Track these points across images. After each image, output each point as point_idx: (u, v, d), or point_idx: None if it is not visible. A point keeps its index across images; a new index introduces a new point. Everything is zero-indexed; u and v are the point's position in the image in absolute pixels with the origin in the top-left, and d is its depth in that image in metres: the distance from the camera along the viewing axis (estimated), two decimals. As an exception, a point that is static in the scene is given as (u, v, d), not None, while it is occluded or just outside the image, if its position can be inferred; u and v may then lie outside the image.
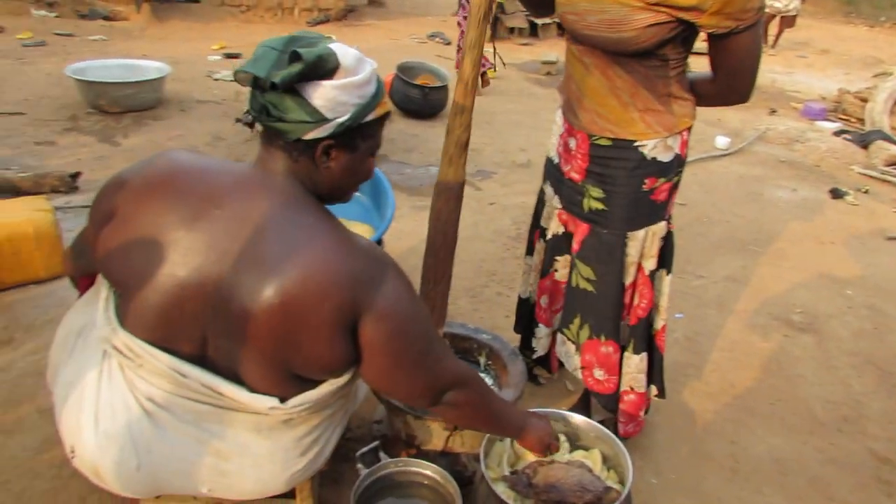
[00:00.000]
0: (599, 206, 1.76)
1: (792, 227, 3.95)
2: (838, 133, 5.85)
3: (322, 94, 1.15)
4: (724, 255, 3.51)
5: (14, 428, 1.93)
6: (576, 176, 1.79)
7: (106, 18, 8.29)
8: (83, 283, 1.64)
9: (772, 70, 8.22)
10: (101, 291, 1.34)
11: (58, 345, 1.47)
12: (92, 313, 1.45)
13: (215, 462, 1.30)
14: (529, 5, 1.89)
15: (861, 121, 6.00)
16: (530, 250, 2.13)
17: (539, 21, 9.64)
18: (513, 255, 3.24)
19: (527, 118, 5.59)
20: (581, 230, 1.82)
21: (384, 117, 1.27)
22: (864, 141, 5.48)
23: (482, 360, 2.06)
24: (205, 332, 1.23)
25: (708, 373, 2.53)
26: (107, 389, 1.28)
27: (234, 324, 1.19)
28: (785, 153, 5.33)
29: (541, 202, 2.03)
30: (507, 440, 1.76)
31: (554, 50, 8.37)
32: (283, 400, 1.27)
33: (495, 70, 6.48)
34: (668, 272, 1.88)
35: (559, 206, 1.88)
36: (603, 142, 1.70)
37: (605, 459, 1.76)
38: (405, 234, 3.30)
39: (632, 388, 1.93)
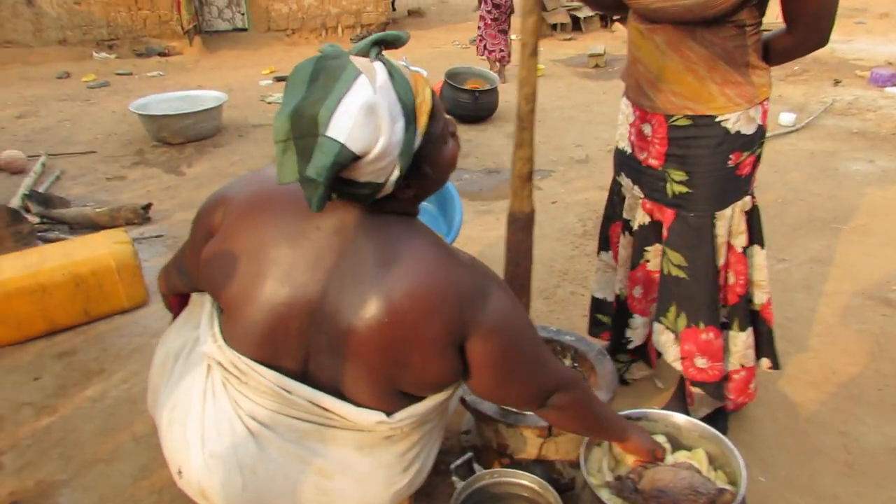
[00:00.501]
0: (683, 189, 1.70)
1: (873, 200, 3.72)
2: (914, 98, 5.52)
3: (362, 172, 1.09)
4: (804, 235, 3.33)
5: (112, 456, 1.98)
6: (655, 162, 1.73)
7: (161, 54, 8.62)
8: (174, 301, 1.68)
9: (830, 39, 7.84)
10: (205, 307, 1.35)
11: (156, 369, 1.50)
12: (188, 334, 1.47)
13: (318, 481, 1.29)
14: (599, 5, 1.86)
15: (937, 83, 5.65)
16: (605, 246, 2.07)
17: (581, 14, 9.51)
18: (582, 252, 3.16)
19: (580, 113, 5.49)
20: (667, 217, 1.76)
21: (432, 117, 1.15)
22: (943, 104, 5.15)
23: (567, 362, 1.99)
24: (308, 349, 1.22)
25: (806, 361, 2.39)
26: (212, 409, 1.29)
27: (339, 341, 1.18)
28: (857, 124, 5.05)
29: (616, 195, 1.97)
30: (605, 445, 1.70)
31: (599, 42, 8.23)
32: (388, 414, 1.25)
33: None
34: (762, 246, 1.82)
35: (641, 195, 1.82)
36: (682, 122, 1.64)
37: (710, 459, 1.67)
38: (471, 239, 3.27)
39: (742, 366, 1.87)
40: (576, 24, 9.59)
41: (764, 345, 1.92)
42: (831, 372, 2.33)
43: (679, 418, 1.70)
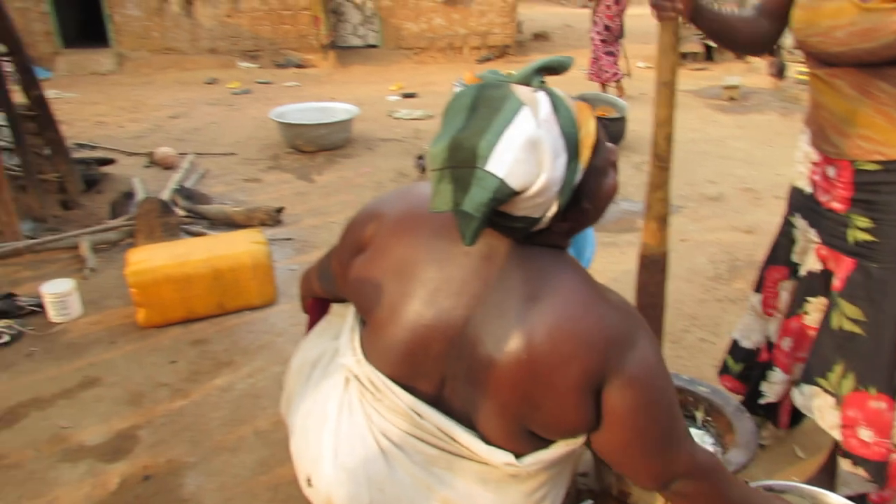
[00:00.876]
0: (867, 237, 1.56)
1: None
2: None
3: (520, 207, 1.05)
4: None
5: (236, 446, 2.07)
6: (838, 206, 1.60)
7: (298, 66, 9.14)
8: (312, 305, 1.72)
9: None
10: (348, 319, 1.37)
11: (293, 373, 1.53)
12: (327, 344, 1.50)
13: None
14: (747, 48, 1.76)
15: None
16: (758, 288, 1.93)
17: (713, 44, 9.16)
18: (713, 297, 2.98)
19: (713, 147, 5.24)
20: (845, 266, 1.61)
21: (596, 150, 1.11)
22: None
23: (699, 415, 1.87)
24: (445, 373, 1.21)
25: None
26: (347, 422, 1.29)
27: (476, 371, 1.16)
28: None
29: (786, 236, 1.83)
30: None
31: (733, 73, 7.87)
32: (517, 457, 1.21)
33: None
34: None
35: (817, 240, 1.69)
36: (870, 167, 1.52)
37: (862, 546, 1.50)
38: (595, 272, 3.11)
39: None
40: (709, 55, 9.25)
41: None
42: None
43: (834, 499, 1.53)
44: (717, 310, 2.85)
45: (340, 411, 1.31)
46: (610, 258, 3.39)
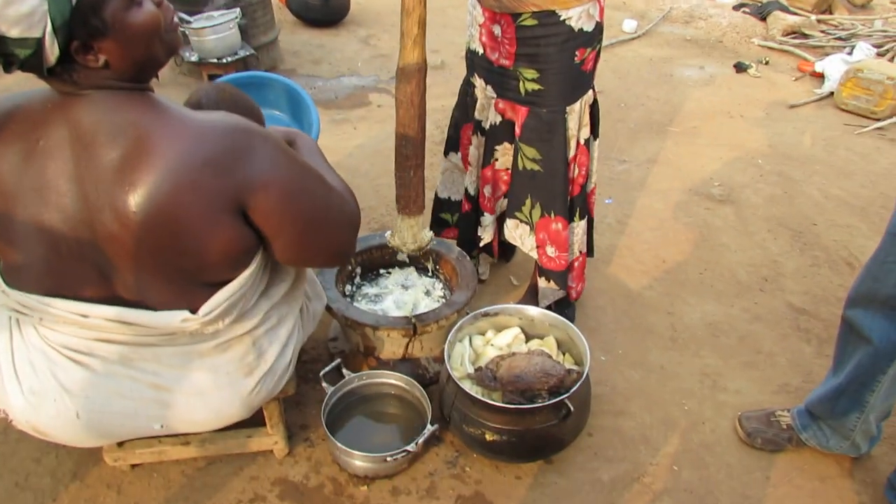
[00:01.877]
0: (536, 86, 1.78)
1: (703, 104, 4.06)
2: (738, 7, 5.96)
3: (4, 26, 0.96)
4: (643, 138, 3.59)
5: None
6: (506, 62, 1.79)
7: None
8: None
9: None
10: None
11: None
12: None
13: (157, 395, 1.28)
14: None
15: (758, -7, 6.13)
16: (455, 148, 2.13)
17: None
18: (439, 159, 3.18)
19: (433, 17, 5.32)
20: (521, 114, 1.84)
21: None
22: (762, 13, 5.62)
23: (430, 265, 2.06)
24: (98, 268, 1.16)
25: (641, 252, 2.65)
26: (21, 348, 1.24)
27: (114, 248, 1.12)
28: (690, 31, 5.40)
29: (468, 96, 2.01)
30: (466, 341, 1.81)
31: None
32: (193, 311, 1.22)
33: None
34: (596, 137, 1.99)
35: (494, 94, 1.88)
36: (528, 21, 1.69)
37: (559, 344, 1.84)
38: (327, 149, 3.15)
39: (580, 252, 2.06)
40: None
41: (588, 233, 2.12)
42: (661, 261, 2.60)
43: (532, 311, 1.84)
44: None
45: (11, 340, 1.26)
46: (343, 134, 3.42)
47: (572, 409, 1.56)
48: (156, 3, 1.09)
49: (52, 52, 1.00)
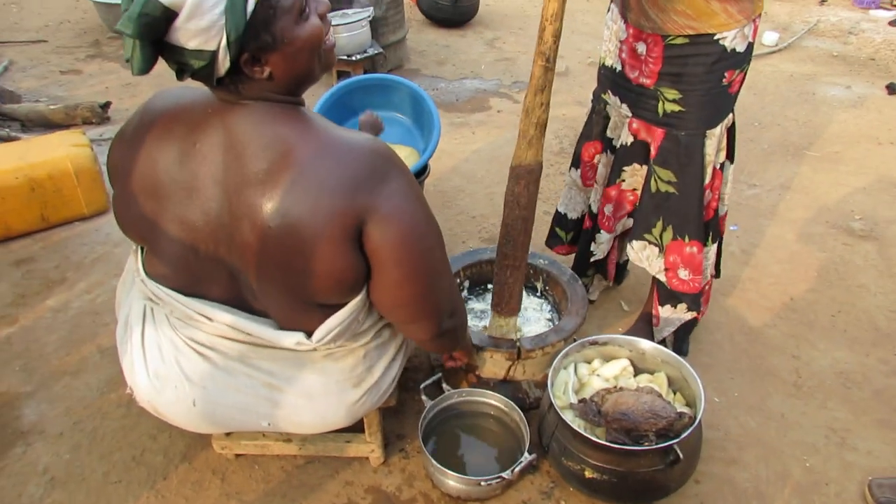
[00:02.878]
0: (676, 107, 1.70)
1: (847, 127, 3.73)
2: (894, 22, 5.43)
3: (184, 37, 1.00)
4: (777, 161, 3.34)
5: (79, 368, 1.97)
6: (647, 81, 1.72)
7: (112, -66, 7.91)
8: None
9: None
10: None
11: (122, 283, 1.53)
12: None
13: (269, 394, 1.32)
14: None
15: (921, 6, 5.56)
16: (576, 164, 2.06)
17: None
18: (557, 171, 3.12)
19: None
20: (657, 136, 1.77)
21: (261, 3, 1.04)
22: (924, 29, 5.09)
23: (539, 285, 2.01)
24: (229, 271, 1.21)
25: (766, 286, 2.46)
26: (151, 332, 1.32)
27: (244, 258, 1.16)
28: (838, 46, 4.98)
29: (597, 113, 1.94)
30: (571, 368, 1.75)
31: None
32: (308, 335, 1.26)
33: None
34: (732, 161, 1.89)
35: (629, 114, 1.81)
36: (680, 41, 1.62)
37: (670, 382, 1.74)
38: (445, 153, 3.20)
39: (710, 276, 1.99)
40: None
41: (717, 255, 2.04)
42: (789, 298, 2.40)
43: (644, 344, 1.75)
44: (560, 183, 2.99)
45: (144, 322, 1.33)
46: (462, 138, 3.41)
47: (681, 456, 1.47)
48: (319, 15, 1.12)
49: (224, 64, 1.04)
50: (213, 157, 1.13)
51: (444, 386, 1.75)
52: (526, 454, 1.58)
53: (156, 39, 1.01)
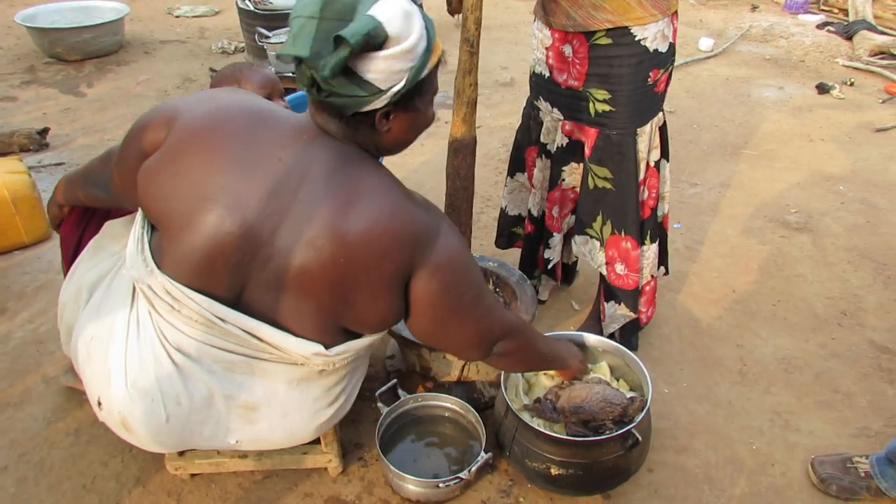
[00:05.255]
0: (606, 107, 1.76)
1: (781, 126, 3.90)
2: (822, 25, 5.71)
3: (374, 68, 1.09)
4: (716, 160, 3.47)
5: (22, 399, 1.91)
6: (575, 83, 1.78)
7: (47, -41, 7.75)
8: (69, 217, 1.59)
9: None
10: (134, 230, 1.29)
11: (68, 305, 1.44)
12: (103, 265, 1.41)
13: (244, 413, 1.30)
14: None
15: (844, 11, 5.85)
16: (521, 168, 2.11)
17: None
18: (505, 179, 3.17)
19: (505, 34, 5.39)
20: (590, 136, 1.82)
21: (438, 64, 1.21)
22: (847, 32, 5.36)
23: (490, 287, 2.04)
24: (245, 281, 1.20)
25: (710, 280, 2.55)
26: (135, 340, 1.26)
27: (289, 277, 1.16)
28: (770, 50, 5.21)
29: (532, 119, 2.00)
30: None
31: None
32: (326, 347, 1.26)
33: None
34: (668, 160, 1.95)
35: (561, 117, 1.86)
36: (603, 41, 1.68)
37: (612, 370, 1.80)
38: (394, 164, 3.18)
39: (651, 276, 2.02)
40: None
41: (662, 254, 2.09)
42: (732, 290, 2.50)
43: (584, 337, 1.80)
44: (508, 190, 3.05)
45: (128, 329, 1.27)
46: (410, 150, 3.41)
47: (640, 438, 1.51)
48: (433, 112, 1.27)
49: (376, 104, 1.13)
50: (291, 178, 1.15)
51: (400, 391, 1.76)
52: (482, 453, 1.60)
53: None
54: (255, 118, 1.18)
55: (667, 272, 2.17)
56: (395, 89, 1.11)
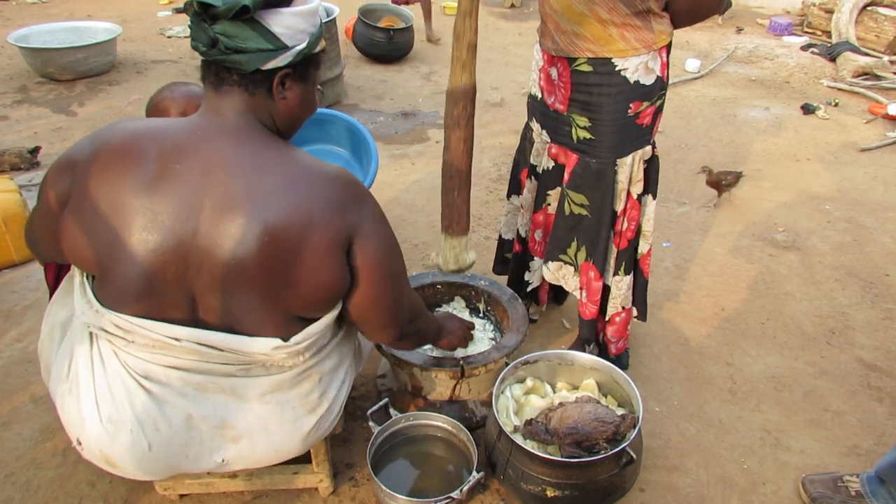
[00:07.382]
0: (587, 134, 1.76)
1: (767, 146, 3.95)
2: (806, 47, 5.82)
3: (282, 22, 1.14)
4: (704, 180, 3.51)
5: (10, 419, 1.89)
6: (560, 107, 1.79)
7: (41, -21, 7.78)
8: (49, 269, 1.60)
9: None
10: (75, 277, 1.30)
11: (44, 342, 1.45)
12: (71, 304, 1.40)
13: (224, 432, 1.30)
14: None
15: (827, 33, 5.96)
16: (517, 190, 2.11)
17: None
18: (496, 197, 3.20)
19: (495, 55, 5.45)
20: (571, 160, 1.83)
21: (324, 48, 1.28)
22: (831, 53, 5.46)
23: (481, 306, 2.05)
24: (192, 294, 1.20)
25: (699, 298, 2.56)
26: (102, 375, 1.26)
27: (223, 275, 1.16)
28: (755, 71, 5.30)
29: (527, 140, 2.01)
30: (508, 391, 1.78)
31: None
32: (284, 340, 1.26)
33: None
34: (654, 197, 1.91)
35: (548, 139, 1.88)
36: (584, 67, 1.68)
37: (600, 387, 1.81)
38: (385, 184, 3.24)
39: (623, 307, 1.99)
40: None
41: (637, 293, 2.03)
42: (721, 308, 2.51)
43: (574, 356, 1.80)
44: (499, 209, 3.06)
45: (92, 366, 1.27)
46: (402, 169, 3.47)
47: (634, 456, 1.51)
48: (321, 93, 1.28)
49: (279, 62, 1.16)
50: (195, 178, 1.15)
51: (392, 411, 1.75)
52: (474, 473, 1.60)
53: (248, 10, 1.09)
54: (143, 138, 1.18)
55: (642, 317, 2.06)
56: (299, 48, 1.17)
